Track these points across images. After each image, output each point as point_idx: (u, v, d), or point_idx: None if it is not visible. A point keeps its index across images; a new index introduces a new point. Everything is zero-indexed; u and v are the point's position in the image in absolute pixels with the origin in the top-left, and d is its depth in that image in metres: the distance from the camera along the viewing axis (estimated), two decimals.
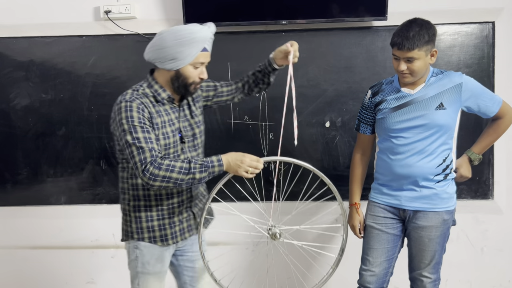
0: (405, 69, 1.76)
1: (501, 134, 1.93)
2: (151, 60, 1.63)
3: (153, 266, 1.70)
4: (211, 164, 1.55)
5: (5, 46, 2.56)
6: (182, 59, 1.56)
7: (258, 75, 1.88)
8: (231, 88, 1.93)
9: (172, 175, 1.50)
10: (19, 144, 2.62)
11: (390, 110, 1.87)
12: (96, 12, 2.51)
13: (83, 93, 2.56)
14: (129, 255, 1.73)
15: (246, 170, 1.57)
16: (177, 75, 1.60)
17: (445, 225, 1.87)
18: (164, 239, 1.69)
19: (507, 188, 2.54)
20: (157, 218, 1.68)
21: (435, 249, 1.87)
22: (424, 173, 1.83)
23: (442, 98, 1.80)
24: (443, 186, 1.85)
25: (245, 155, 1.58)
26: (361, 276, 2.00)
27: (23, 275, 2.76)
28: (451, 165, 1.87)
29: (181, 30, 1.56)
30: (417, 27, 1.73)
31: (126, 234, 1.72)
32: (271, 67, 1.83)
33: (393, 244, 1.95)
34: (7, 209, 2.69)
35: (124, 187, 1.70)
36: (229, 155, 1.59)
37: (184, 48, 1.55)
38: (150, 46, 1.61)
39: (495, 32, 2.42)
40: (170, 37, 1.55)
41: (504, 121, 1.89)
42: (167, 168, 1.50)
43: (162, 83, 1.65)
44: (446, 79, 1.82)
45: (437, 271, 1.92)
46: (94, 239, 2.70)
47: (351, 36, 2.46)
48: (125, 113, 1.53)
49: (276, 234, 1.70)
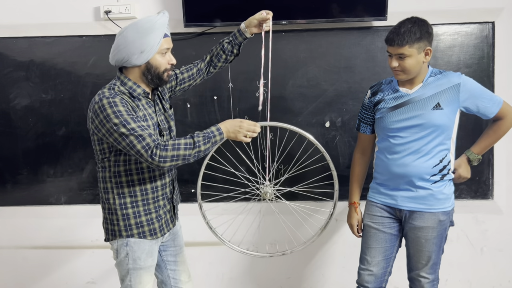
0: (396, 65, 1.77)
1: (501, 136, 1.90)
2: (118, 63, 1.65)
3: (144, 260, 1.72)
4: (212, 135, 1.60)
5: (5, 46, 2.56)
6: (149, 49, 1.60)
7: (227, 47, 1.93)
8: (192, 73, 1.95)
9: (180, 152, 1.55)
10: (19, 144, 2.62)
11: (388, 109, 1.88)
12: (96, 12, 2.51)
13: (83, 93, 2.57)
14: (117, 254, 1.73)
15: (244, 135, 1.65)
16: (147, 67, 1.64)
17: (442, 226, 1.87)
18: (153, 233, 1.72)
19: (507, 188, 2.54)
20: (144, 213, 1.70)
21: (432, 250, 1.87)
22: (420, 172, 1.83)
23: (439, 98, 1.79)
24: (440, 187, 1.84)
25: (242, 121, 1.65)
26: (359, 275, 2.01)
27: (23, 275, 2.76)
28: (448, 165, 1.86)
29: (140, 22, 1.60)
30: (409, 24, 1.74)
31: (112, 233, 1.72)
32: (242, 37, 1.91)
33: (391, 244, 1.95)
34: (7, 209, 2.69)
35: (107, 187, 1.70)
36: (227, 122, 1.66)
37: (148, 37, 1.59)
38: (114, 49, 1.65)
39: (495, 32, 2.42)
40: (131, 32, 1.59)
41: (505, 122, 1.87)
42: (173, 147, 1.54)
43: (134, 80, 1.67)
44: (444, 79, 1.82)
45: (435, 271, 1.91)
46: (94, 239, 2.70)
47: (351, 36, 2.47)
48: (111, 109, 1.54)
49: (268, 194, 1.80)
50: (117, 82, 1.66)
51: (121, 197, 1.68)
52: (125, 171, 1.67)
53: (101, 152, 1.67)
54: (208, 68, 1.97)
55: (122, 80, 1.66)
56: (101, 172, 1.71)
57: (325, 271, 2.70)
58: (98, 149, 1.67)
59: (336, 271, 2.67)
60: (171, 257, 1.89)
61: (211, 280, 2.71)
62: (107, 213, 1.71)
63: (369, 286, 1.97)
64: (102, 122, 1.55)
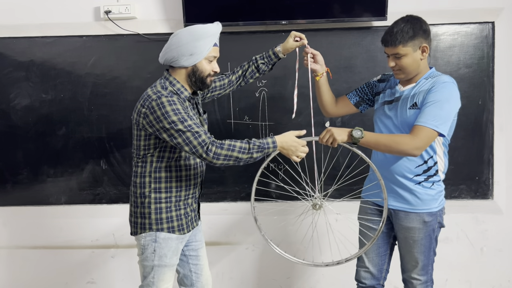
0: (394, 65, 1.78)
1: (393, 147, 1.70)
2: (167, 61, 1.74)
3: (170, 258, 1.78)
4: (267, 146, 1.67)
5: (5, 46, 2.56)
6: (199, 53, 1.69)
7: (261, 67, 2.01)
8: (223, 83, 2.02)
9: (233, 154, 1.62)
10: (19, 144, 2.62)
11: (381, 103, 1.91)
12: (96, 12, 2.51)
13: (83, 93, 2.57)
14: (144, 249, 1.77)
15: (297, 155, 1.71)
16: (193, 70, 1.72)
17: (428, 227, 1.84)
18: (181, 228, 1.79)
19: (507, 188, 2.54)
20: (175, 208, 1.78)
21: (420, 251, 1.85)
22: (401, 170, 1.82)
23: (418, 98, 1.76)
24: (425, 188, 1.82)
25: (298, 141, 1.70)
26: (357, 272, 2.03)
27: (23, 275, 2.76)
28: (435, 166, 1.82)
29: (195, 27, 1.71)
30: (402, 23, 1.74)
31: (142, 226, 1.77)
32: (278, 58, 2.01)
33: (382, 241, 1.96)
34: (7, 209, 2.69)
35: (145, 181, 1.76)
36: (285, 137, 1.70)
37: (200, 42, 1.68)
38: (166, 47, 1.73)
39: (495, 32, 2.43)
40: (186, 34, 1.69)
41: (406, 138, 1.70)
42: (229, 147, 1.62)
43: (180, 81, 1.75)
44: (431, 81, 1.78)
45: (427, 273, 1.89)
46: (94, 239, 2.70)
47: (351, 36, 2.47)
48: (170, 106, 1.62)
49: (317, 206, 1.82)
50: (166, 82, 1.74)
51: (157, 191, 1.75)
52: (165, 167, 1.75)
53: (145, 147, 1.73)
54: (239, 81, 2.05)
55: (171, 81, 1.74)
56: (140, 167, 1.76)
57: (325, 271, 2.70)
58: (142, 144, 1.73)
59: (336, 271, 2.67)
60: (193, 251, 1.94)
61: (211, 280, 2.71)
62: (140, 206, 1.77)
63: (367, 282, 1.99)
64: (159, 119, 1.62)
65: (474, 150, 2.50)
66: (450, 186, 2.51)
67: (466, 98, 2.35)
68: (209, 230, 2.64)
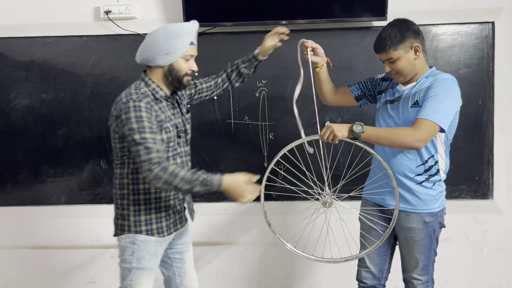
0: (390, 70, 1.79)
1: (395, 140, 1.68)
2: (143, 61, 1.72)
3: (148, 261, 1.74)
4: (210, 183, 1.61)
5: (5, 46, 2.56)
6: (175, 52, 1.66)
7: (244, 71, 2.00)
8: (209, 85, 2.01)
9: (175, 181, 1.58)
10: (19, 144, 2.62)
11: (383, 102, 1.91)
12: (96, 12, 2.51)
13: (83, 93, 2.57)
14: (123, 251, 1.76)
15: (244, 198, 1.64)
16: (170, 69, 1.70)
17: (429, 228, 1.84)
18: (160, 231, 1.76)
19: (507, 188, 2.54)
20: (155, 211, 1.75)
21: (421, 251, 1.86)
22: (402, 169, 1.82)
23: (419, 96, 1.77)
24: (426, 188, 1.82)
25: (247, 183, 1.64)
26: (358, 272, 2.04)
27: (23, 275, 2.76)
28: (436, 166, 1.81)
29: (171, 26, 1.68)
30: (389, 28, 1.75)
31: (121, 228, 1.76)
32: (258, 60, 1.98)
33: (384, 241, 1.95)
34: (7, 209, 2.69)
35: (123, 183, 1.74)
36: (233, 180, 1.63)
37: (176, 41, 1.65)
38: (142, 47, 1.71)
39: (495, 32, 2.43)
40: (161, 33, 1.66)
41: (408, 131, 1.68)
42: (171, 173, 1.58)
43: (156, 81, 1.73)
44: (432, 79, 1.78)
45: (427, 273, 1.89)
46: (94, 239, 2.70)
47: (351, 36, 2.47)
48: (134, 112, 1.60)
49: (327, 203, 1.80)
50: (141, 83, 1.72)
51: (135, 193, 1.73)
52: None
53: (121, 149, 1.71)
54: (225, 84, 2.03)
55: (146, 82, 1.72)
56: (119, 168, 1.75)
57: (325, 271, 2.70)
58: (118, 146, 1.72)
59: (336, 271, 2.67)
60: (177, 254, 1.92)
61: (211, 280, 2.71)
62: (120, 208, 1.76)
63: (367, 282, 1.99)
64: (122, 123, 1.62)
65: (474, 150, 2.50)
66: (450, 186, 2.50)
67: (466, 98, 2.35)
68: (209, 230, 2.64)
